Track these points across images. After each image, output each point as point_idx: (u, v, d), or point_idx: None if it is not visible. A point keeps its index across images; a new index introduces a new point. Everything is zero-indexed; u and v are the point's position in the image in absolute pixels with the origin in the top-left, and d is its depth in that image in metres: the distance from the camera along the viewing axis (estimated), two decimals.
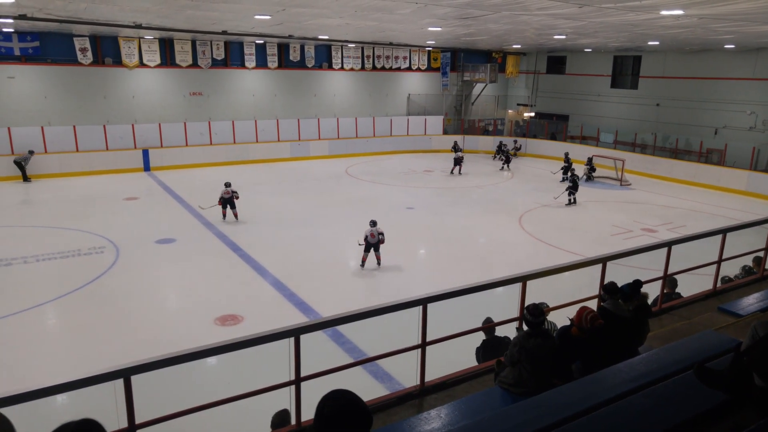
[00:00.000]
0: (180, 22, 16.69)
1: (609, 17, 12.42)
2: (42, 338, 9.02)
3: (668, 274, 6.52)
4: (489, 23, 15.14)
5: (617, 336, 4.47)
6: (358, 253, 11.97)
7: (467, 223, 15.81)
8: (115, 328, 9.18)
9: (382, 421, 4.27)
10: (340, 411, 2.02)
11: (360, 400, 2.09)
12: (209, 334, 8.80)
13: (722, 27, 13.72)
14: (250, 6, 12.52)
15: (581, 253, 12.43)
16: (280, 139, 25.40)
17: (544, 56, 30.49)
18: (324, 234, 14.46)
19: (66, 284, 10.79)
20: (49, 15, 14.66)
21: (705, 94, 23.40)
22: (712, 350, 4.34)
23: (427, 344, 4.68)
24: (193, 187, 19.46)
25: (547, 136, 28.67)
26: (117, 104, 22.27)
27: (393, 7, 11.91)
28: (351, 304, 4.81)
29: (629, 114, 26.54)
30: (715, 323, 5.84)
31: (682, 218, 16.70)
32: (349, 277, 12.20)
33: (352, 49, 26.80)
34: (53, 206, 16.85)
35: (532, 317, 4.22)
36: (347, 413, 2.01)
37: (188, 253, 12.92)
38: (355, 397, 2.10)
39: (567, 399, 3.62)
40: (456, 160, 22.65)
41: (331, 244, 13.72)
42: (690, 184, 21.88)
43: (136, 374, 3.42)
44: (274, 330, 3.91)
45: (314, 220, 15.64)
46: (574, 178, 18.36)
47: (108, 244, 13.22)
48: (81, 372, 3.27)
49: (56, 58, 20.89)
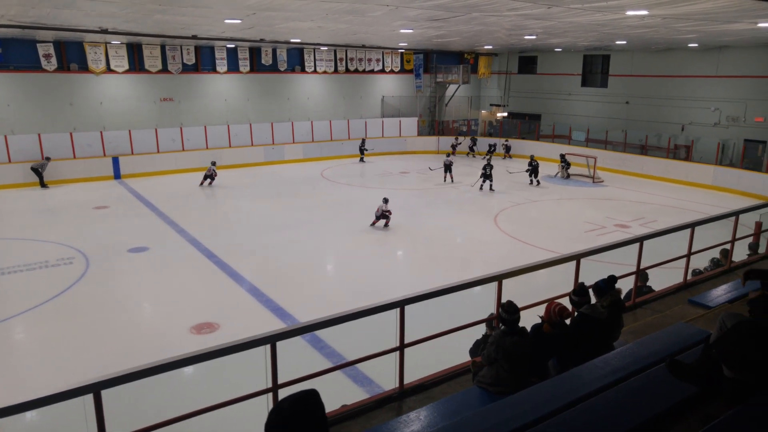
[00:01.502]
0: (148, 27, 16.40)
1: (577, 17, 12.65)
2: (11, 353, 8.75)
3: (641, 268, 6.64)
4: (460, 25, 15.26)
5: (594, 336, 4.54)
6: (334, 256, 11.88)
7: (444, 223, 15.89)
8: (87, 341, 8.96)
9: (362, 425, 4.24)
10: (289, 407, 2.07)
11: (311, 398, 2.09)
12: (185, 343, 8.64)
13: (685, 26, 14.11)
14: (220, 10, 12.37)
15: (556, 251, 12.59)
16: (253, 144, 25.17)
17: (515, 56, 30.87)
18: (300, 238, 14.36)
19: (33, 297, 10.47)
20: (10, 21, 14.27)
21: (671, 91, 24.02)
22: (683, 342, 4.44)
23: (406, 346, 4.67)
24: (165, 194, 19.14)
25: (519, 135, 28.98)
26: (84, 111, 21.75)
27: (364, 9, 11.91)
28: (329, 309, 4.78)
29: (600, 112, 27.03)
30: (686, 315, 5.96)
31: (653, 213, 17.07)
32: (327, 281, 12.15)
33: (324, 52, 26.73)
34: (19, 217, 16.34)
35: (507, 314, 4.24)
36: (297, 410, 2.06)
37: (162, 262, 12.68)
38: (306, 395, 2.11)
39: (544, 397, 3.65)
40: (447, 166, 21.30)
41: (307, 248, 13.63)
42: (660, 179, 22.38)
43: (106, 388, 3.32)
44: (251, 337, 3.85)
45: (290, 225, 15.52)
46: (485, 170, 19.68)
47: (77, 254, 12.89)
48: (52, 387, 3.17)
49: (19, 65, 20.31)
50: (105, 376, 3.33)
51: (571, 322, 4.74)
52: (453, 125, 31.05)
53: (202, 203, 18.70)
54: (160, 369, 3.49)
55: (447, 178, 21.39)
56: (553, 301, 4.58)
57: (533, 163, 21.02)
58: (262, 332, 3.94)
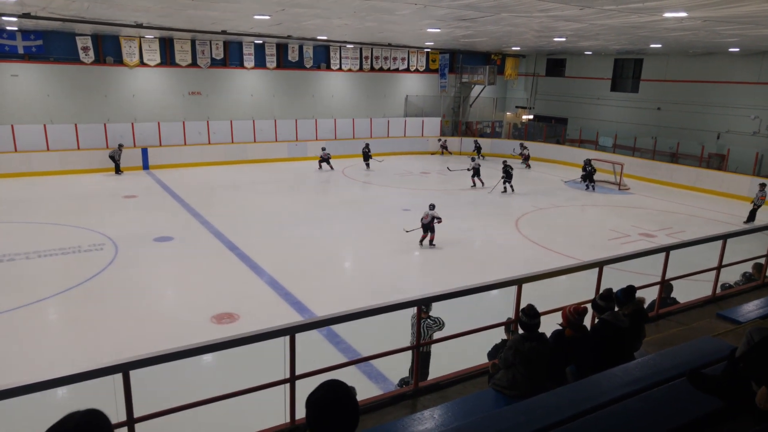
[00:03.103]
0: (180, 22, 16.68)
1: (611, 19, 12.39)
2: (44, 333, 9.08)
3: (666, 279, 6.50)
4: (488, 25, 15.14)
5: (615, 344, 4.47)
6: (353, 253, 11.92)
7: (464, 225, 15.79)
8: (114, 324, 9.20)
9: (376, 420, 4.26)
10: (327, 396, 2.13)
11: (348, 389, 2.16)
12: (206, 332, 8.77)
13: (727, 30, 13.57)
14: (250, 6, 12.52)
15: (578, 257, 12.42)
16: (277, 140, 25.38)
17: (543, 59, 30.50)
18: (320, 234, 14.44)
19: (67, 280, 10.85)
20: (52, 14, 14.66)
21: (708, 97, 23.26)
22: (709, 356, 4.30)
23: (422, 345, 4.67)
24: (190, 186, 19.45)
25: (544, 139, 28.63)
26: (117, 103, 22.26)
27: (392, 8, 11.91)
28: (346, 304, 4.80)
29: (629, 118, 26.51)
30: (713, 329, 5.81)
31: (681, 224, 16.68)
32: (346, 277, 12.21)
33: (350, 50, 26.81)
34: (54, 203, 16.85)
35: (527, 318, 4.20)
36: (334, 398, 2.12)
37: (186, 252, 12.90)
38: (343, 386, 2.18)
39: (561, 402, 3.61)
40: (475, 170, 20.50)
41: (327, 245, 13.70)
42: (690, 189, 21.79)
43: (134, 369, 3.47)
44: (271, 328, 3.91)
45: (311, 221, 15.62)
46: (507, 169, 19.54)
47: (107, 241, 13.21)
48: (81, 366, 3.32)
49: (59, 57, 20.89)
50: (135, 357, 3.46)
51: (591, 329, 4.69)
52: (477, 126, 30.86)
53: (226, 196, 18.94)
54: (186, 353, 3.60)
55: (477, 182, 20.78)
56: (565, 306, 4.53)
57: (587, 168, 20.83)
58: (280, 324, 4.00)
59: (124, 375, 3.44)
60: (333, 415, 2.09)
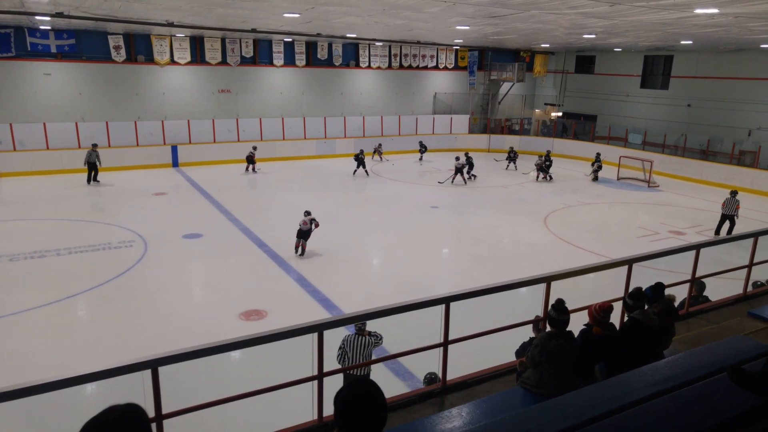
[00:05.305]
0: (211, 20, 16.95)
1: (641, 16, 12.20)
2: (73, 329, 9.30)
3: (696, 277, 6.39)
4: (517, 22, 15.01)
5: (644, 343, 4.42)
6: (381, 250, 11.98)
7: (492, 222, 15.72)
8: (143, 321, 9.40)
9: (403, 418, 4.29)
10: (355, 393, 2.12)
11: (377, 388, 2.15)
12: (234, 329, 8.94)
13: (758, 26, 13.35)
14: (280, 4, 12.65)
15: (606, 255, 12.25)
16: (306, 137, 25.60)
17: (572, 56, 30.07)
18: (348, 231, 14.55)
19: (97, 276, 11.09)
20: (84, 13, 15.06)
21: (739, 94, 22.80)
22: (741, 355, 4.22)
23: (450, 343, 4.68)
24: (219, 184, 19.76)
25: (573, 135, 28.25)
26: (148, 101, 22.74)
27: (421, 5, 11.91)
28: (374, 302, 4.85)
29: (659, 115, 26.00)
30: (744, 328, 5.71)
31: (711, 221, 16.29)
32: (373, 274, 12.28)
33: (379, 48, 26.84)
34: (85, 200, 17.31)
35: (556, 313, 4.17)
36: (362, 396, 2.11)
37: (215, 248, 13.14)
38: (371, 383, 2.16)
39: (590, 401, 3.59)
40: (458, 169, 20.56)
41: (354, 242, 13.80)
42: (721, 186, 21.25)
43: (163, 365, 3.47)
44: (299, 325, 3.93)
45: (339, 218, 15.73)
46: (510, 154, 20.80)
47: (137, 238, 13.53)
48: (110, 362, 3.35)
49: (91, 56, 21.44)
50: (164, 353, 3.48)
51: (621, 327, 4.65)
52: (505, 123, 30.60)
53: (255, 194, 19.20)
54: (214, 350, 3.61)
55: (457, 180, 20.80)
56: (591, 305, 4.49)
57: (548, 161, 21.79)
58: (308, 321, 4.03)
59: (153, 371, 3.45)
60: (361, 412, 2.09)
